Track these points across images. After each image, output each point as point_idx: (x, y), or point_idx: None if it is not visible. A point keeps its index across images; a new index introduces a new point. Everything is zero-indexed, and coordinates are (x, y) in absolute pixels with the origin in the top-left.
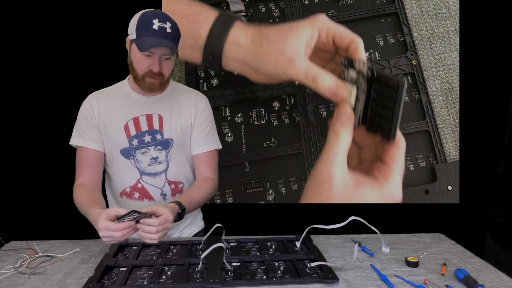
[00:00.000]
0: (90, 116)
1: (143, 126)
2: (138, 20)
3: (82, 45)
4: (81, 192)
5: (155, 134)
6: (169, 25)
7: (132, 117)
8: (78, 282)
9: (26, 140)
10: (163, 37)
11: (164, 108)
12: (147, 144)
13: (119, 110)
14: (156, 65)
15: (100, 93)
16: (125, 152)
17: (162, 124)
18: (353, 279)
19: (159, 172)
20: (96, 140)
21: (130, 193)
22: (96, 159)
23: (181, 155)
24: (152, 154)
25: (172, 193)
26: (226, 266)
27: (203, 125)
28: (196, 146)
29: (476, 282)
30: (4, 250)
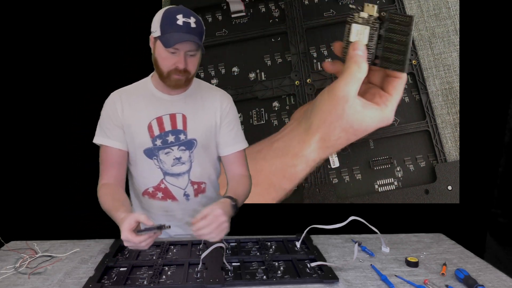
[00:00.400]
0: (113, 115)
1: (167, 125)
2: (162, 17)
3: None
4: (105, 193)
5: (179, 134)
6: (193, 20)
7: (156, 117)
8: (78, 282)
9: (26, 140)
10: (188, 32)
11: (188, 107)
12: (171, 144)
13: (143, 109)
14: (182, 61)
15: (123, 91)
16: (148, 152)
17: (186, 124)
18: (353, 279)
19: (182, 173)
20: (120, 139)
21: (152, 193)
22: (120, 158)
23: (204, 155)
24: (175, 155)
25: (194, 193)
26: (226, 266)
27: (230, 125)
28: (225, 146)
29: (476, 282)
30: (4, 250)
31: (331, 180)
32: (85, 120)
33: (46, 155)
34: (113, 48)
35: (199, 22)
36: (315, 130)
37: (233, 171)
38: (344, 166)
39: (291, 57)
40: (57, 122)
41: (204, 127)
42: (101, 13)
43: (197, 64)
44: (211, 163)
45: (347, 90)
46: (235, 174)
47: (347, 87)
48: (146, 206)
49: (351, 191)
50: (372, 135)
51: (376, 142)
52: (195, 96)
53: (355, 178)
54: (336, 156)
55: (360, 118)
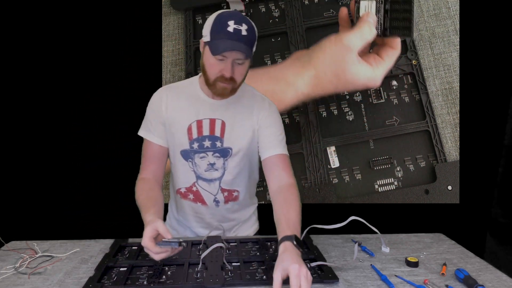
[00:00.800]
0: (158, 111)
1: (205, 130)
2: (213, 22)
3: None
4: (141, 188)
5: (215, 140)
6: (245, 27)
7: (196, 119)
8: (78, 282)
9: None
10: (238, 40)
11: (229, 114)
12: (206, 149)
13: (185, 110)
14: (229, 70)
15: (170, 88)
16: (184, 153)
17: (224, 131)
18: (353, 279)
19: (214, 179)
20: (161, 135)
21: (184, 194)
22: (160, 154)
23: (239, 165)
24: (209, 160)
25: (225, 200)
26: (226, 266)
27: (273, 127)
28: (267, 148)
29: (476, 282)
30: (4, 250)
31: (331, 180)
32: (85, 120)
33: (46, 155)
34: (113, 48)
35: (251, 29)
36: (312, 66)
37: (276, 177)
38: (344, 166)
39: None
40: (57, 122)
41: (241, 136)
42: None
43: (244, 73)
44: (246, 172)
45: (353, 43)
46: (280, 181)
47: (354, 40)
48: (178, 205)
49: (351, 191)
50: (372, 135)
51: (376, 142)
52: (236, 102)
53: (355, 178)
54: (336, 156)
55: (354, 71)
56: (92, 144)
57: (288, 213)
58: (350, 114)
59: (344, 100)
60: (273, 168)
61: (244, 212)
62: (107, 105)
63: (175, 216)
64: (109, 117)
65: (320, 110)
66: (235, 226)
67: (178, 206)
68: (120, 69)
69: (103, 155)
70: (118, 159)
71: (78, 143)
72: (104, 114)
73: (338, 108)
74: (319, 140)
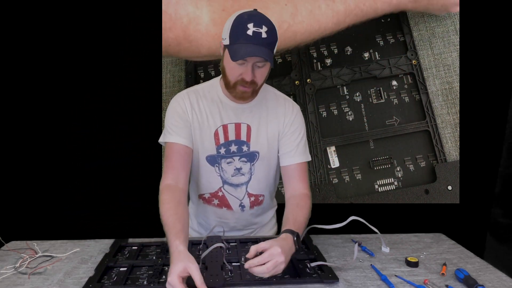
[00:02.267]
0: (183, 113)
1: (231, 135)
2: (232, 24)
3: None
4: (168, 201)
5: (242, 145)
6: (264, 30)
7: (222, 124)
8: (78, 282)
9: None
10: (258, 43)
11: (254, 117)
12: (233, 154)
13: (210, 114)
14: (249, 74)
15: (192, 92)
16: (211, 159)
17: (250, 135)
18: (353, 279)
19: (241, 184)
20: (187, 136)
21: (208, 199)
22: (186, 155)
23: (265, 168)
24: (236, 165)
25: (250, 205)
26: (226, 266)
27: (295, 134)
28: (287, 156)
29: (476, 282)
30: (4, 250)
31: (331, 180)
32: (85, 120)
33: (46, 155)
34: (113, 48)
35: (272, 31)
36: None
37: (293, 187)
38: (344, 166)
39: (291, 57)
40: (57, 122)
41: (267, 140)
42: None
43: (265, 75)
44: (271, 176)
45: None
46: (295, 191)
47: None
48: (200, 209)
49: (351, 191)
50: (372, 135)
51: (376, 142)
52: (260, 105)
53: (355, 178)
54: (336, 156)
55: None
56: (92, 144)
57: (297, 215)
58: (350, 114)
59: (344, 100)
60: (291, 177)
61: (266, 216)
62: (107, 105)
63: (197, 219)
64: (109, 117)
65: (320, 110)
66: (256, 229)
67: (200, 210)
68: (120, 69)
69: (103, 155)
70: (118, 159)
71: (78, 143)
72: (104, 114)
73: (338, 108)
74: (319, 140)
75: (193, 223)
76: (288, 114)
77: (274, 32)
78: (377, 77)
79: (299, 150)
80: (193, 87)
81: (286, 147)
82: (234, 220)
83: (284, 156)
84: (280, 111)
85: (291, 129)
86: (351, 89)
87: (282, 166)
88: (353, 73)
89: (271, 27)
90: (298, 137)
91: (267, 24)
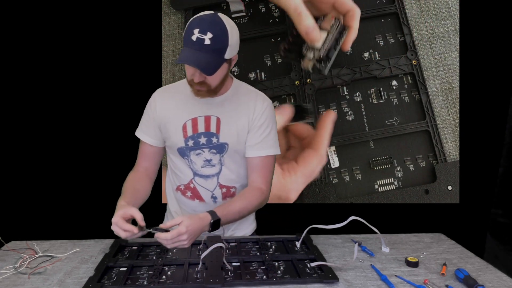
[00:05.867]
0: (151, 112)
1: (200, 127)
2: (186, 27)
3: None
4: (130, 178)
5: (211, 137)
6: (209, 36)
7: (191, 118)
8: (78, 282)
9: (26, 140)
10: (199, 49)
11: (225, 110)
12: (202, 146)
13: (180, 109)
14: (197, 76)
15: (164, 90)
16: (181, 151)
17: (219, 127)
18: (353, 279)
19: (211, 175)
20: (153, 135)
21: (183, 191)
22: (151, 153)
23: (236, 160)
24: (206, 156)
25: (222, 196)
26: (226, 266)
27: (262, 127)
28: (252, 149)
29: (476, 282)
30: (4, 250)
31: (331, 180)
32: (85, 120)
33: (46, 155)
34: (113, 48)
35: (219, 37)
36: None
37: (251, 180)
38: (344, 166)
39: None
40: (57, 122)
41: (237, 132)
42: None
43: (218, 78)
44: (243, 168)
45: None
46: (252, 183)
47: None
48: (179, 202)
49: (351, 191)
50: (372, 135)
51: (376, 142)
52: (232, 99)
53: (355, 178)
54: (336, 156)
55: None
56: (92, 144)
57: (235, 204)
58: (350, 114)
59: (344, 100)
60: (252, 169)
61: None
62: (107, 106)
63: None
64: (109, 117)
65: (320, 110)
66: (233, 225)
67: (181, 205)
68: (120, 69)
69: (103, 155)
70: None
71: (78, 143)
72: (104, 114)
73: (338, 108)
74: None
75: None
76: (258, 107)
77: (222, 38)
78: (377, 77)
79: (265, 144)
80: (168, 85)
81: (253, 139)
82: None
83: (249, 148)
84: (251, 105)
85: (259, 122)
86: (351, 89)
87: (246, 157)
88: (353, 73)
89: (220, 34)
90: (266, 131)
91: (215, 30)
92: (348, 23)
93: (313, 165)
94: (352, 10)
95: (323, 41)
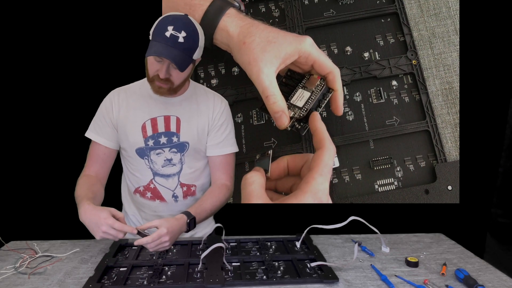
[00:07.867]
0: (107, 113)
1: (160, 127)
2: (157, 22)
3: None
4: (84, 182)
5: (172, 136)
6: (183, 35)
7: (150, 118)
8: (78, 282)
9: (26, 140)
10: (172, 46)
11: (184, 110)
12: (162, 146)
13: (138, 109)
14: (163, 71)
15: (122, 90)
16: (140, 151)
17: (179, 126)
18: (353, 279)
19: (172, 174)
20: (109, 137)
21: (143, 192)
22: (105, 155)
23: (196, 159)
24: (166, 156)
25: (183, 195)
26: (226, 266)
27: (222, 127)
28: (212, 148)
29: (476, 282)
30: (4, 250)
31: (331, 180)
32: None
33: (46, 155)
34: (113, 48)
35: (192, 38)
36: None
37: (216, 178)
38: (344, 166)
39: None
40: (57, 122)
41: (197, 131)
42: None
43: (183, 76)
44: (203, 167)
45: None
46: (217, 181)
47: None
48: (138, 205)
49: (351, 191)
50: (372, 135)
51: (376, 142)
52: (191, 99)
53: (355, 178)
54: (336, 156)
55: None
56: None
57: (206, 202)
58: (350, 114)
59: (344, 100)
60: (216, 169)
61: None
62: None
63: (139, 219)
64: None
65: (320, 110)
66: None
67: (140, 208)
68: (120, 69)
69: None
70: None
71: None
72: None
73: None
74: None
75: (130, 223)
76: (217, 108)
77: (194, 39)
78: (377, 77)
79: (225, 143)
80: (123, 86)
81: (214, 139)
82: (169, 212)
83: (211, 147)
84: (210, 105)
85: (219, 121)
86: (351, 89)
87: (208, 156)
88: (353, 73)
89: (192, 35)
90: (226, 130)
91: (188, 30)
92: (331, 86)
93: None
94: (331, 73)
95: (305, 101)
